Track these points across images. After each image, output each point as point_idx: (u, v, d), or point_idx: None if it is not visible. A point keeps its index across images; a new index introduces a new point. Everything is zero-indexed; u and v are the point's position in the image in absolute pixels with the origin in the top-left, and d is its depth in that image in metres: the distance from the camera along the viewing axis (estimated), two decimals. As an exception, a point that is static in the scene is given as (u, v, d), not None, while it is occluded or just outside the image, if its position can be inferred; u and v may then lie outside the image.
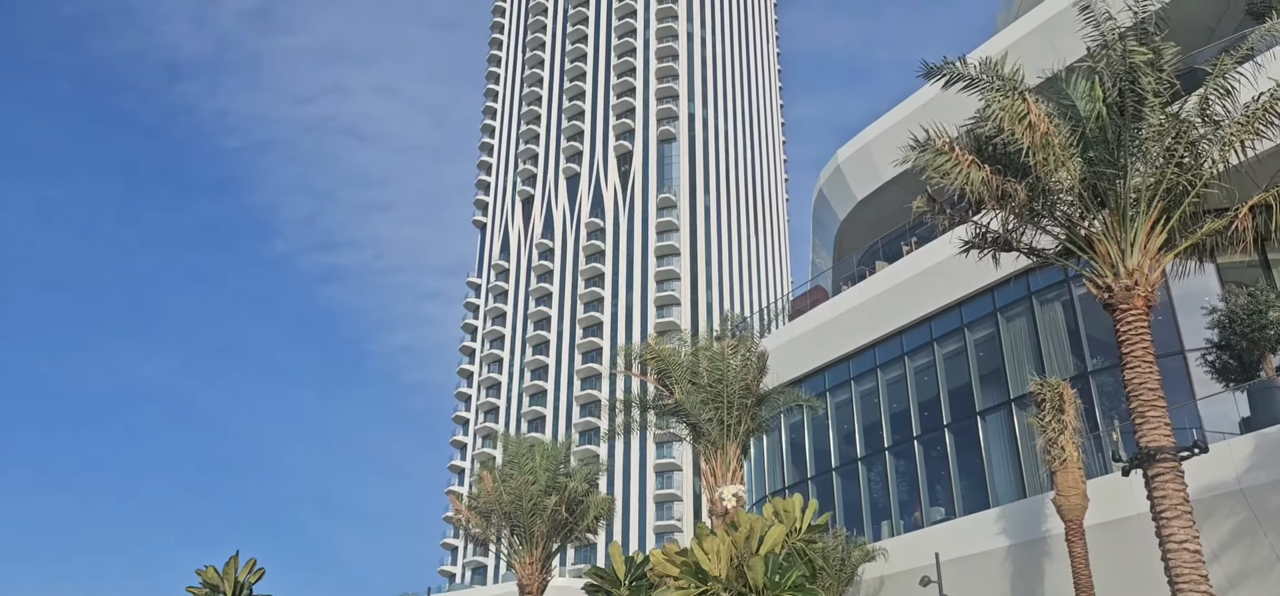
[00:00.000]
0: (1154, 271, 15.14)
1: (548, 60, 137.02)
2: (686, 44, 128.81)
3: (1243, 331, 22.97)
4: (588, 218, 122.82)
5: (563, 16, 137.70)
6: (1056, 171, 15.06)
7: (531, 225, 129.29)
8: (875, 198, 36.68)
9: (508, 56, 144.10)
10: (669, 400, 27.88)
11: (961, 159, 15.36)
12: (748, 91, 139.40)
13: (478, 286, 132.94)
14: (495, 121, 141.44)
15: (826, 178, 39.46)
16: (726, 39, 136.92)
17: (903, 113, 34.72)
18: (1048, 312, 28.85)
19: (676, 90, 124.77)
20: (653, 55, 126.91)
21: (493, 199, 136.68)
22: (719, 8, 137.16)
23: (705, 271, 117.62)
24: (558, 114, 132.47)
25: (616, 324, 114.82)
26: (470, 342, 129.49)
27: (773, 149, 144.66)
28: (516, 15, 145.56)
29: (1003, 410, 29.47)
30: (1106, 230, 15.21)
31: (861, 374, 34.57)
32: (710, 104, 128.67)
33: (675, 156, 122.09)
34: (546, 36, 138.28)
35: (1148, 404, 14.68)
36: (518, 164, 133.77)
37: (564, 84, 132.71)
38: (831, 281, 39.47)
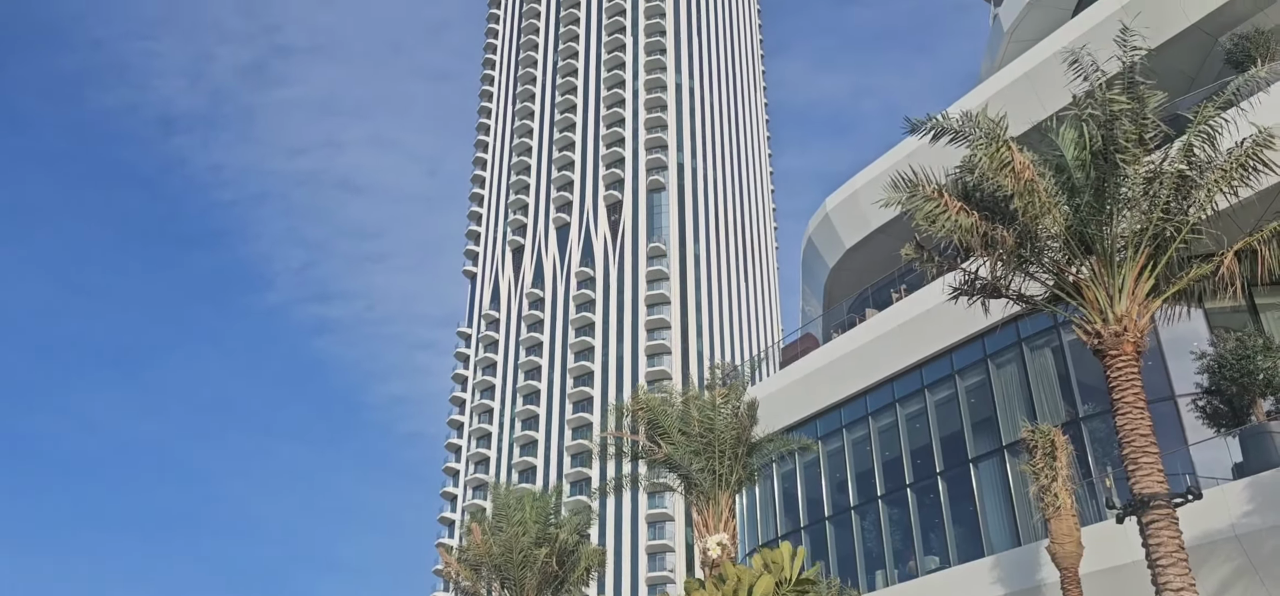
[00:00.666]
0: (1142, 317, 15.17)
1: (537, 111, 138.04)
2: (675, 94, 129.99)
3: (1232, 376, 22.98)
4: (578, 267, 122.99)
5: (552, 68, 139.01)
6: (1043, 218, 15.14)
7: (522, 275, 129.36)
8: (864, 245, 36.80)
9: (498, 108, 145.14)
10: (660, 451, 27.68)
11: (949, 205, 15.44)
12: (736, 141, 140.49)
13: (468, 336, 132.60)
14: (485, 172, 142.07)
15: (815, 226, 39.63)
16: (715, 90, 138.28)
17: (890, 161, 34.96)
18: (1038, 358, 28.85)
19: (665, 140, 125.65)
20: (642, 105, 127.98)
21: (483, 249, 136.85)
22: (707, 59, 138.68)
23: (695, 320, 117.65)
24: (548, 164, 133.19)
25: (607, 373, 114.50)
26: (461, 393, 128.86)
27: (762, 198, 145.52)
28: (507, 67, 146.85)
29: (995, 457, 29.34)
30: (1094, 276, 15.26)
31: (853, 422, 34.43)
32: (699, 154, 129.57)
33: (665, 206, 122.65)
34: (536, 88, 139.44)
35: (1140, 450, 14.62)
36: (508, 214, 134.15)
37: (554, 134, 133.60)
38: (821, 329, 39.47)
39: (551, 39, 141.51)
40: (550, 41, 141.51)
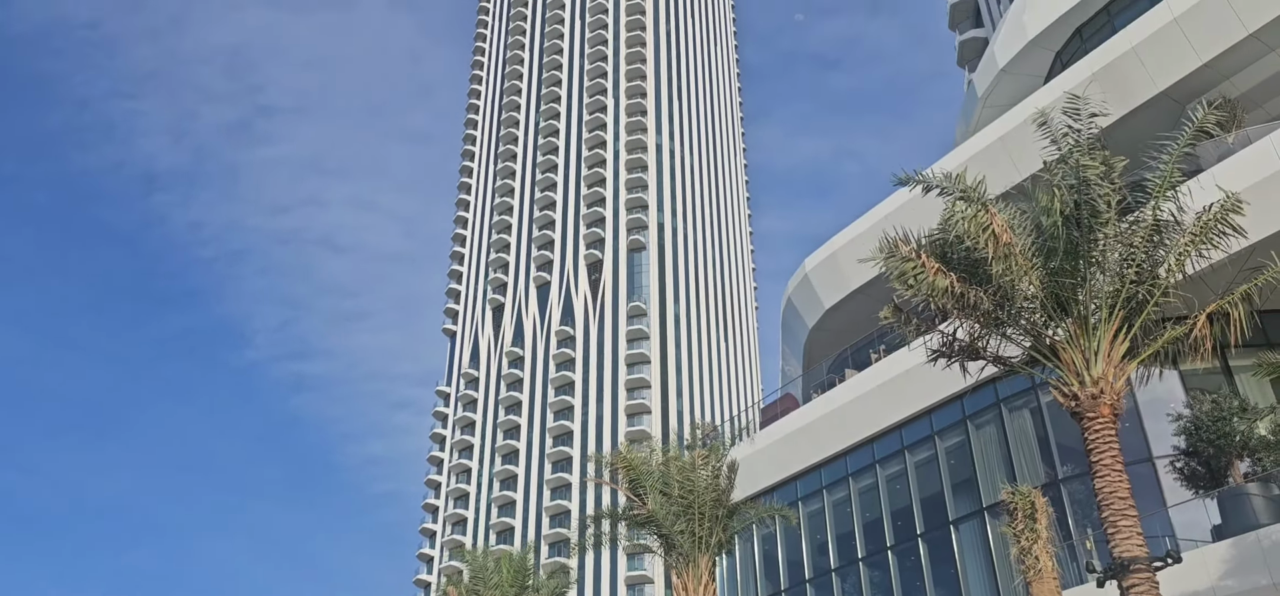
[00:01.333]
0: (1119, 379, 15.27)
1: (519, 170, 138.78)
2: (656, 155, 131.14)
3: (1209, 438, 23.10)
4: (558, 326, 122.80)
5: (534, 127, 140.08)
6: (1020, 280, 15.28)
7: (502, 333, 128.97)
8: (843, 306, 36.98)
9: (479, 167, 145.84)
10: (640, 511, 27.42)
11: (927, 266, 15.56)
12: (716, 202, 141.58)
13: (447, 395, 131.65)
14: (466, 231, 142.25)
15: (795, 286, 39.82)
16: (695, 151, 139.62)
17: (869, 222, 35.30)
18: (1017, 420, 28.93)
19: (646, 200, 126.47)
20: (623, 166, 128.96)
21: (463, 307, 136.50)
22: (688, 121, 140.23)
23: (675, 379, 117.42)
24: (529, 223, 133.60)
25: (587, 432, 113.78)
26: (439, 452, 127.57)
27: (742, 258, 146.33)
28: (489, 127, 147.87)
29: (976, 519, 29.25)
30: (1070, 339, 15.38)
31: (833, 483, 34.30)
32: (680, 214, 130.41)
33: (645, 265, 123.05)
34: (517, 148, 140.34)
35: (1119, 514, 14.62)
36: (488, 272, 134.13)
37: (535, 193, 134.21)
38: (801, 389, 39.46)
39: (534, 99, 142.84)
40: (532, 102, 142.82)
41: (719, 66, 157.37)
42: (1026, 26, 34.96)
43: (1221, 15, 26.79)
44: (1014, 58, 35.58)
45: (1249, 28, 26.40)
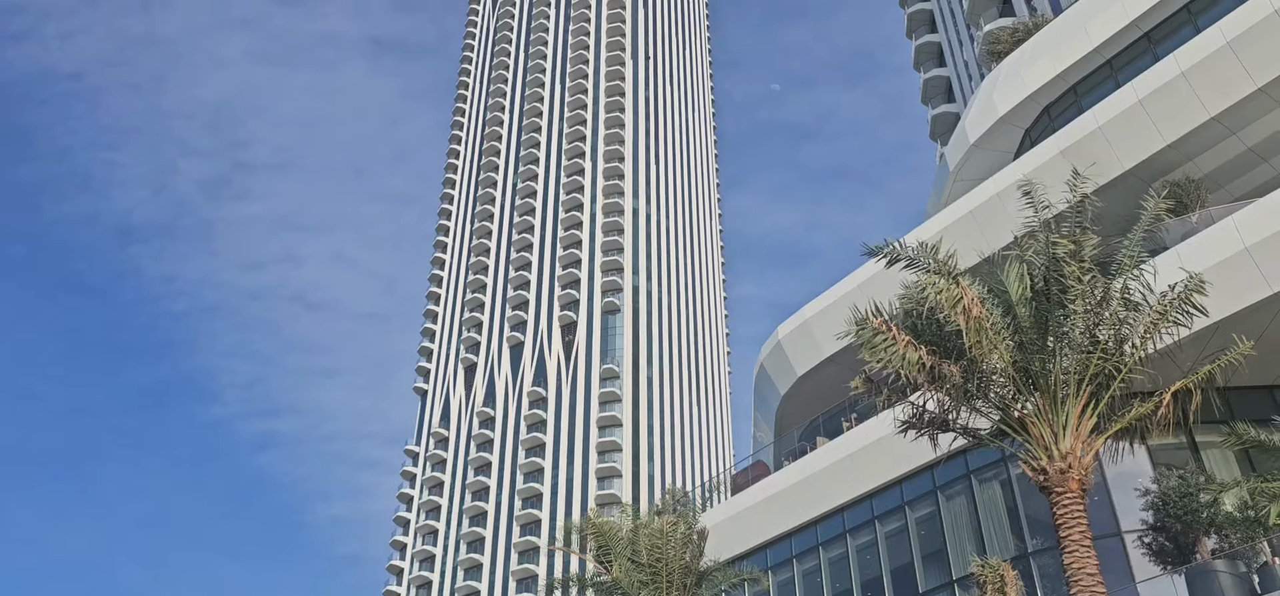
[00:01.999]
0: (1087, 454, 15.35)
1: (495, 230, 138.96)
2: (632, 218, 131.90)
3: (1176, 514, 23.19)
4: (530, 387, 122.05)
5: (512, 188, 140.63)
6: (989, 354, 15.41)
7: (473, 393, 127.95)
8: (815, 373, 37.05)
9: (456, 226, 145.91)
10: (608, 577, 27.06)
11: (898, 339, 15.67)
12: (691, 267, 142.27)
13: (416, 455, 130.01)
14: (441, 289, 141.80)
15: (767, 353, 39.89)
16: (671, 216, 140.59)
17: (842, 290, 35.55)
18: (987, 491, 28.94)
19: (621, 263, 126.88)
20: (599, 228, 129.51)
21: (435, 366, 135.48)
22: (664, 186, 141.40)
23: (647, 443, 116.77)
24: (504, 283, 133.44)
25: (556, 495, 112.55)
26: (405, 513, 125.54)
27: (715, 324, 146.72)
28: (467, 187, 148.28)
29: (946, 591, 29.07)
30: (1039, 413, 15.48)
31: (803, 552, 34.03)
32: (655, 277, 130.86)
33: (619, 328, 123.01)
34: (495, 207, 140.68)
35: (1087, 590, 14.60)
36: (462, 331, 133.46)
37: (511, 254, 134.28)
38: (772, 457, 39.32)
39: (512, 160, 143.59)
40: (510, 163, 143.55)
41: (696, 134, 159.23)
42: (996, 104, 35.71)
43: (1184, 99, 27.52)
44: (984, 134, 36.27)
45: (1211, 112, 27.13)
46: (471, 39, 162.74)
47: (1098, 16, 32.47)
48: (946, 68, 73.67)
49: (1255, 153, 27.90)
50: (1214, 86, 26.98)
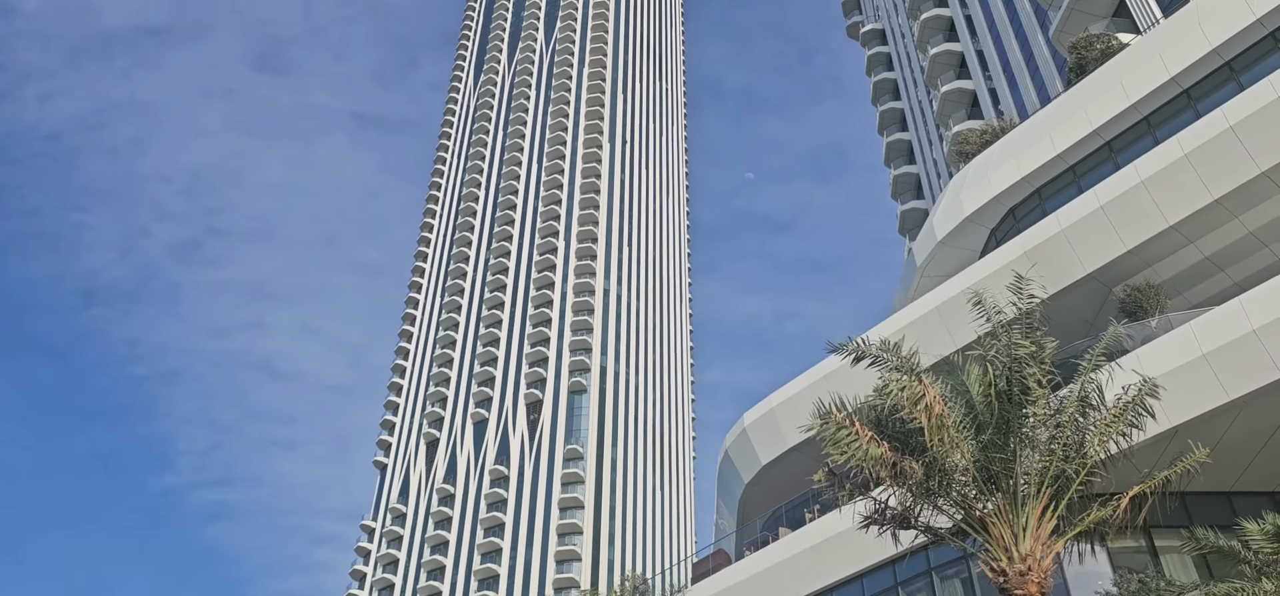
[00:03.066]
0: (1046, 556, 15.30)
1: (465, 304, 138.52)
2: (603, 299, 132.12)
3: (1136, 619, 23.06)
4: (492, 464, 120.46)
5: (484, 264, 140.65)
6: (951, 453, 15.41)
7: (434, 469, 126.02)
8: (780, 463, 36.87)
9: (426, 299, 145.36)
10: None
11: (861, 434, 15.65)
12: (660, 351, 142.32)
13: (372, 531, 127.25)
14: (407, 361, 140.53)
15: (732, 441, 39.70)
16: (642, 299, 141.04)
17: (808, 380, 35.59)
18: (948, 589, 28.69)
19: (590, 343, 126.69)
20: (569, 307, 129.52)
21: (397, 440, 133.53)
22: (636, 269, 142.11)
23: (608, 527, 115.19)
24: (471, 358, 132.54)
25: (514, 577, 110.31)
26: (358, 590, 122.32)
27: (682, 409, 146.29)
28: (439, 260, 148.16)
29: (906, 691, 28.61)
30: (999, 513, 15.45)
31: (764, 645, 33.41)
32: (623, 359, 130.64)
33: (585, 409, 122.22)
34: (465, 282, 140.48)
35: (1047, 695, 14.40)
36: (426, 405, 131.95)
37: (479, 329, 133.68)
38: (734, 546, 38.84)
39: (485, 237, 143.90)
40: (483, 239, 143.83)
41: (670, 219, 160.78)
42: (963, 204, 36.37)
43: (1144, 207, 28.19)
44: (951, 232, 36.87)
45: (1169, 220, 27.78)
46: (452, 115, 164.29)
47: (1062, 123, 33.37)
48: (916, 165, 75.26)
49: (1212, 262, 28.54)
50: (1172, 196, 27.67)
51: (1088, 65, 37.85)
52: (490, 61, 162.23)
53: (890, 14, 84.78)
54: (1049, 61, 48.64)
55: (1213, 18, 29.61)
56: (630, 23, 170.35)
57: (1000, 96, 56.05)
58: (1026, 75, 51.79)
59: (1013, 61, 54.12)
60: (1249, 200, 26.75)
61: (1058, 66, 47.23)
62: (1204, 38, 29.57)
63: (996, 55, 57.10)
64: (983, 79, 59.39)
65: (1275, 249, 27.54)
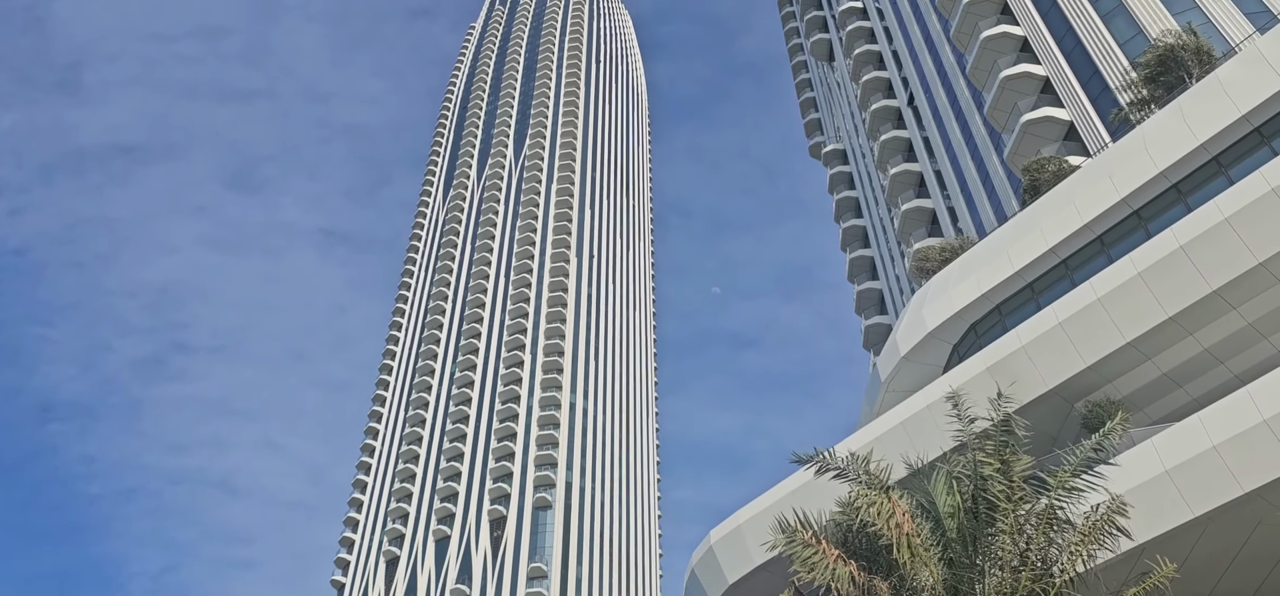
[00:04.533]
0: (1018, 680, 14.98)
1: (429, 418, 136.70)
2: (569, 413, 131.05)
3: None
4: (454, 583, 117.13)
5: (449, 379, 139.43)
6: (919, 571, 15.21)
7: (393, 590, 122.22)
8: (747, 582, 36.14)
9: (389, 413, 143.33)
10: None
11: (827, 552, 15.42)
12: (626, 468, 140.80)
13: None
14: (369, 478, 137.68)
15: (698, 559, 38.96)
16: (608, 414, 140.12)
17: (774, 497, 35.21)
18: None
19: (556, 458, 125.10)
20: (535, 422, 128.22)
21: (356, 559, 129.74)
22: (602, 383, 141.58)
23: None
24: (434, 473, 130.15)
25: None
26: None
27: (648, 526, 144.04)
28: (404, 374, 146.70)
29: None
30: (969, 634, 15.18)
31: None
32: (588, 475, 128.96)
33: (550, 525, 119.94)
34: (430, 396, 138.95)
35: None
36: (386, 523, 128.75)
37: (443, 444, 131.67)
38: (703, 669, 37.74)
39: (451, 350, 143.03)
40: (449, 353, 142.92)
41: (637, 335, 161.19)
42: (925, 319, 36.82)
43: (1101, 323, 28.68)
44: (914, 347, 37.20)
45: (1126, 337, 28.25)
46: (420, 229, 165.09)
47: (1019, 242, 34.13)
48: (879, 281, 76.40)
49: (1171, 378, 28.95)
50: (1128, 313, 28.20)
51: (1041, 186, 39.01)
52: (460, 176, 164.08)
53: (851, 135, 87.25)
54: (1005, 182, 50.08)
55: (1158, 142, 30.73)
56: (598, 140, 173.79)
57: (959, 215, 57.45)
58: (983, 195, 53.23)
59: (970, 181, 55.67)
60: (1203, 317, 27.32)
61: (1013, 187, 48.62)
62: (1151, 161, 30.63)
63: (954, 175, 58.74)
64: (941, 198, 60.93)
65: (1231, 366, 28.03)
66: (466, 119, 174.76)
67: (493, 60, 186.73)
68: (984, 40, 51.60)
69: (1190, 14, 42.27)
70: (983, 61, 52.14)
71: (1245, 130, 28.98)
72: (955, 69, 58.46)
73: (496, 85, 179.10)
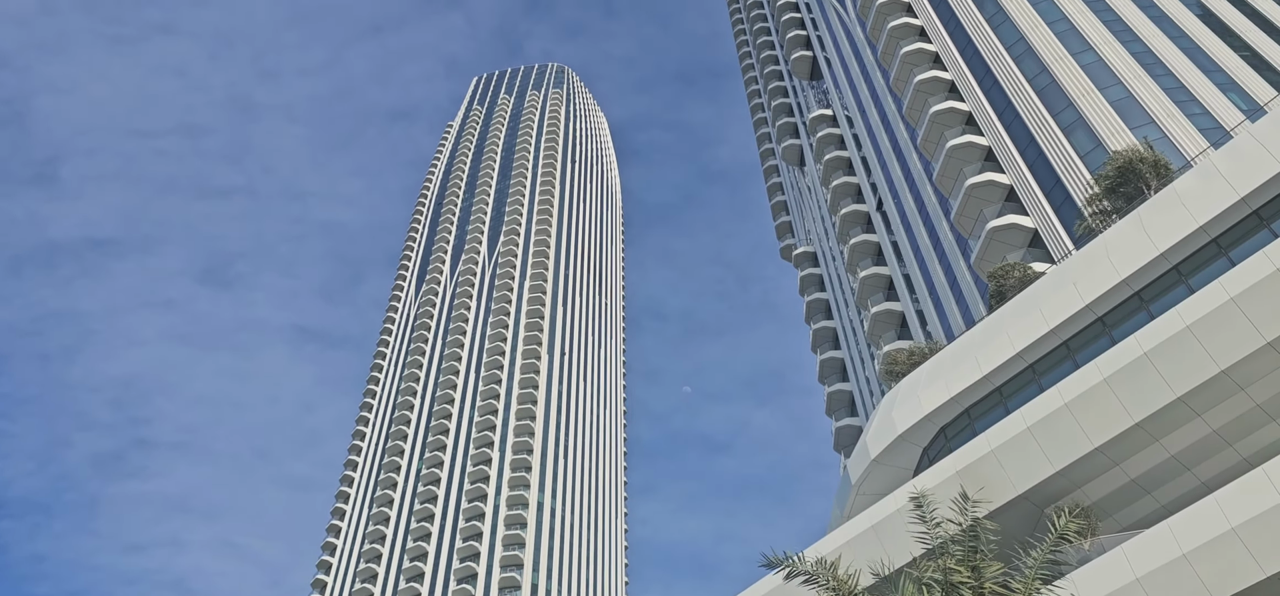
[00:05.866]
0: None
1: (393, 518, 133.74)
2: (536, 513, 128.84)
3: None
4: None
5: (415, 475, 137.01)
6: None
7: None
8: (716, 691, 35.24)
9: (353, 511, 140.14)
10: None
11: (797, 660, 15.04)
12: (594, 570, 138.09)
13: None
14: (329, 577, 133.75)
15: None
16: (576, 515, 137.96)
17: (743, 604, 34.54)
18: None
19: (522, 558, 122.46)
20: (501, 521, 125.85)
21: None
22: (571, 483, 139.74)
23: None
24: (396, 576, 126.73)
25: None
26: None
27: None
28: (368, 472, 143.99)
29: None
30: None
31: None
32: (556, 576, 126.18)
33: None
34: (395, 494, 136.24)
35: None
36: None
37: (407, 543, 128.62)
38: None
39: (418, 448, 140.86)
40: (416, 450, 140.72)
41: (607, 436, 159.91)
42: (895, 422, 36.81)
43: (1069, 429, 28.78)
44: (884, 450, 37.09)
45: (1094, 442, 28.33)
46: (391, 324, 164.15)
47: (987, 346, 34.42)
48: (849, 383, 76.58)
49: (1139, 484, 28.98)
50: (1095, 419, 28.34)
51: (1007, 292, 39.57)
52: (433, 271, 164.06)
53: (821, 238, 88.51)
54: (972, 286, 50.78)
55: (1121, 250, 31.36)
56: (572, 240, 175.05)
57: (927, 318, 58.04)
58: (951, 299, 53.89)
59: (938, 285, 56.41)
60: (1168, 424, 27.50)
61: (980, 291, 49.29)
62: (1113, 269, 31.19)
63: (923, 279, 59.53)
64: (910, 301, 61.62)
65: (1198, 472, 28.13)
66: (442, 215, 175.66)
67: (469, 158, 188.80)
68: (949, 149, 52.91)
69: (1147, 129, 43.67)
70: (949, 169, 53.39)
71: (1203, 240, 29.66)
72: (923, 176, 59.77)
73: (473, 182, 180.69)
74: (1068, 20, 53.09)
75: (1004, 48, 54.25)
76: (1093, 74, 48.54)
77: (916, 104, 59.09)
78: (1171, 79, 46.75)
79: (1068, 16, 53.33)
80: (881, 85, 69.27)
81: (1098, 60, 49.37)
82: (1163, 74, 47.22)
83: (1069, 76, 49.13)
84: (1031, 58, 52.19)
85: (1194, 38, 49.64)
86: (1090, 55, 50.01)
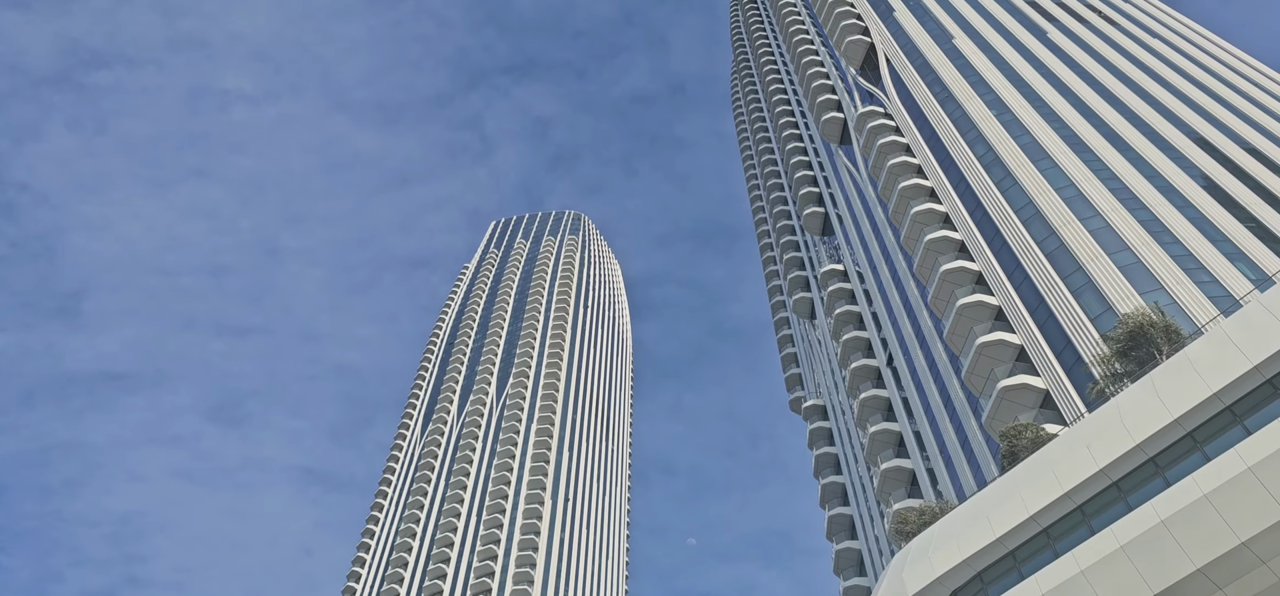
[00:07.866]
0: None
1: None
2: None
3: None
4: None
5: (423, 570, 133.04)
6: None
7: None
8: None
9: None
10: None
11: None
12: None
13: None
14: None
15: None
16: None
17: None
18: None
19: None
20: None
21: None
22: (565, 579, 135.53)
23: None
24: None
25: None
26: None
27: None
28: None
29: None
30: None
31: None
32: None
33: None
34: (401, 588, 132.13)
35: None
36: None
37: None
38: None
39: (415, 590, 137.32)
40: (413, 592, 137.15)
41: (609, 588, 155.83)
42: (906, 584, 35.75)
43: (1085, 597, 27.84)
44: (894, 612, 35.91)
45: (1112, 613, 27.36)
46: (394, 463, 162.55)
47: (1000, 508, 33.68)
48: (858, 541, 74.86)
49: (1159, 660, 27.83)
50: (1112, 588, 27.48)
51: (1019, 452, 39.01)
52: (440, 411, 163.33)
53: (831, 391, 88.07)
54: (983, 445, 50.12)
55: (1134, 415, 31.00)
56: (582, 386, 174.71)
57: (938, 476, 57.09)
58: (962, 457, 53.13)
59: (949, 443, 55.69)
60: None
61: (991, 450, 48.62)
62: (1127, 433, 30.77)
63: (933, 436, 58.84)
64: (921, 458, 60.75)
65: (1220, 649, 27.03)
66: (452, 355, 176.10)
67: (483, 300, 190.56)
68: (960, 307, 53.10)
69: (1156, 294, 43.86)
70: (959, 327, 53.46)
71: (1217, 407, 29.33)
72: (933, 333, 59.85)
73: (485, 324, 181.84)
74: (1075, 186, 54.06)
75: (1013, 211, 55.07)
76: (1101, 239, 49.09)
77: (927, 262, 59.68)
78: (1179, 246, 47.23)
79: (1075, 183, 54.33)
80: (892, 242, 70.18)
81: (1105, 226, 50.02)
82: (1170, 241, 47.73)
83: (1077, 240, 49.69)
84: (1040, 221, 52.91)
85: (1200, 207, 50.39)
86: (1098, 220, 50.70)
